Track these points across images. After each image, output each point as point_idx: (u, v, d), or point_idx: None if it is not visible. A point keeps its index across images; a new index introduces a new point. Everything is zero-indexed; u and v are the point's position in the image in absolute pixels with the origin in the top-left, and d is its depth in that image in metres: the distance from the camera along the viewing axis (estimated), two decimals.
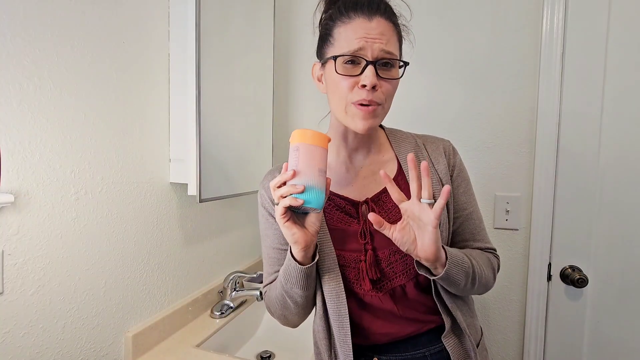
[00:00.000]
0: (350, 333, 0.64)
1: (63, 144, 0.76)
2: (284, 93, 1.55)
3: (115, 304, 0.89)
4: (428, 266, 0.59)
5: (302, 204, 0.54)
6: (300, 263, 0.60)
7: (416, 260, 0.61)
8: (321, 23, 0.68)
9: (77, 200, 0.79)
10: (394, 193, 0.59)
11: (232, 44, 1.11)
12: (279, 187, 0.56)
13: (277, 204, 0.56)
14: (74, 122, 0.78)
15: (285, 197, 0.54)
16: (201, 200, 0.99)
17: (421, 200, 0.56)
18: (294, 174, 0.54)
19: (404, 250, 0.58)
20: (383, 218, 0.66)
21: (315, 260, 0.62)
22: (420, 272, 0.61)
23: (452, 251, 0.61)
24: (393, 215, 0.66)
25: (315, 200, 0.54)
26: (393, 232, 0.58)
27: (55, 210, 0.75)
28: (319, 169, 0.55)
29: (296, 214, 0.59)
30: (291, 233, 0.57)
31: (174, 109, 1.02)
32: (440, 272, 0.59)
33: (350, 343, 0.64)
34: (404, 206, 0.58)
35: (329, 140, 0.57)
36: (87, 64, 0.80)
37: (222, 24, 1.06)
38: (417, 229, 0.57)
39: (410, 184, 0.58)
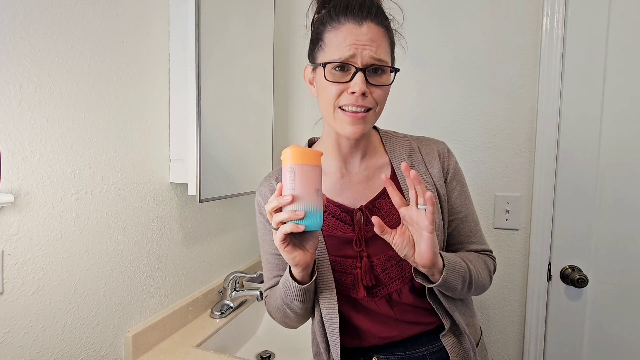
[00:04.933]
0: (339, 339, 0.65)
1: (63, 144, 0.76)
2: (284, 93, 1.55)
3: (115, 304, 0.89)
4: (425, 273, 0.59)
5: (304, 230, 0.52)
6: (299, 282, 0.61)
7: (414, 268, 0.60)
8: (313, 25, 0.67)
9: (77, 200, 0.79)
10: (395, 197, 0.59)
11: (232, 44, 1.11)
12: (276, 211, 0.54)
13: (276, 229, 0.54)
14: (74, 122, 0.78)
15: (285, 222, 0.53)
16: (201, 200, 0.99)
17: (418, 206, 0.56)
18: (293, 200, 0.52)
19: (402, 256, 0.58)
20: None
21: (314, 278, 0.62)
22: (417, 280, 0.61)
23: (449, 257, 0.61)
24: (386, 222, 0.66)
25: (315, 223, 0.53)
26: (393, 237, 0.57)
27: (55, 210, 0.75)
28: (315, 190, 0.54)
29: (294, 235, 0.57)
30: (292, 257, 0.56)
31: (174, 109, 1.02)
32: (438, 278, 0.59)
33: (339, 348, 0.65)
34: (403, 212, 0.58)
35: (322, 154, 0.56)
36: (87, 64, 0.80)
37: (222, 24, 1.06)
38: (415, 234, 0.57)
39: (409, 191, 0.58)
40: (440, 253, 0.59)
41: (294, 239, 0.57)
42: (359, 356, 0.70)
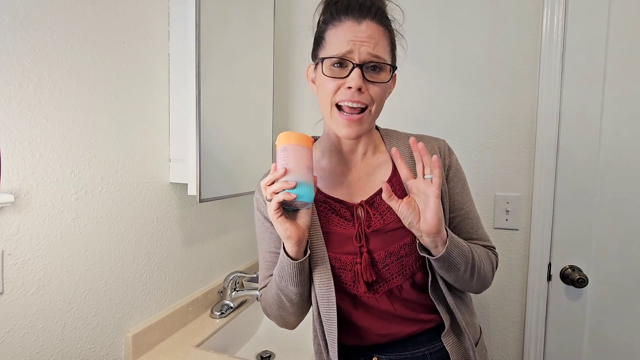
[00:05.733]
0: (337, 336, 0.65)
1: (63, 144, 0.76)
2: (284, 93, 1.55)
3: (115, 304, 0.89)
4: (429, 244, 0.60)
5: (295, 198, 0.56)
6: (293, 258, 0.62)
7: (418, 242, 0.62)
8: (317, 26, 0.69)
9: (77, 200, 0.79)
10: (402, 170, 0.62)
11: (232, 44, 1.11)
12: (270, 184, 0.58)
13: (270, 200, 0.58)
14: (74, 122, 0.78)
15: (278, 192, 0.56)
16: (201, 200, 0.99)
17: (425, 176, 0.60)
18: (285, 172, 0.57)
19: (407, 225, 0.60)
20: (376, 221, 0.66)
21: (307, 255, 0.63)
22: (421, 253, 0.62)
23: (453, 234, 0.63)
24: (387, 217, 0.66)
25: (306, 194, 0.57)
26: (399, 205, 0.60)
27: (55, 210, 0.75)
28: (307, 167, 0.59)
29: (287, 211, 0.60)
30: (284, 228, 0.59)
31: (174, 109, 1.02)
32: (441, 250, 0.60)
33: (336, 346, 0.65)
34: (410, 184, 0.62)
35: (313, 140, 0.61)
36: (87, 64, 0.80)
37: (222, 24, 1.06)
38: (421, 204, 0.60)
39: (416, 165, 0.61)
40: (445, 228, 0.61)
41: (287, 213, 0.60)
42: (359, 356, 0.70)
